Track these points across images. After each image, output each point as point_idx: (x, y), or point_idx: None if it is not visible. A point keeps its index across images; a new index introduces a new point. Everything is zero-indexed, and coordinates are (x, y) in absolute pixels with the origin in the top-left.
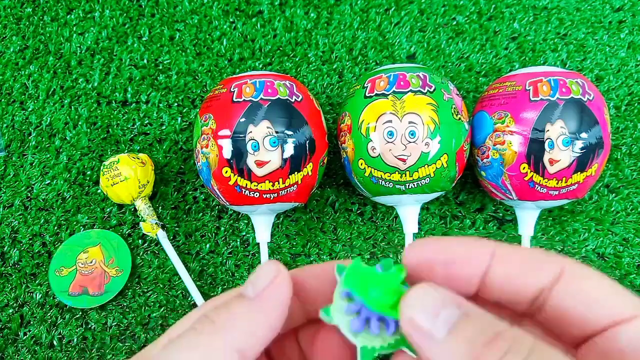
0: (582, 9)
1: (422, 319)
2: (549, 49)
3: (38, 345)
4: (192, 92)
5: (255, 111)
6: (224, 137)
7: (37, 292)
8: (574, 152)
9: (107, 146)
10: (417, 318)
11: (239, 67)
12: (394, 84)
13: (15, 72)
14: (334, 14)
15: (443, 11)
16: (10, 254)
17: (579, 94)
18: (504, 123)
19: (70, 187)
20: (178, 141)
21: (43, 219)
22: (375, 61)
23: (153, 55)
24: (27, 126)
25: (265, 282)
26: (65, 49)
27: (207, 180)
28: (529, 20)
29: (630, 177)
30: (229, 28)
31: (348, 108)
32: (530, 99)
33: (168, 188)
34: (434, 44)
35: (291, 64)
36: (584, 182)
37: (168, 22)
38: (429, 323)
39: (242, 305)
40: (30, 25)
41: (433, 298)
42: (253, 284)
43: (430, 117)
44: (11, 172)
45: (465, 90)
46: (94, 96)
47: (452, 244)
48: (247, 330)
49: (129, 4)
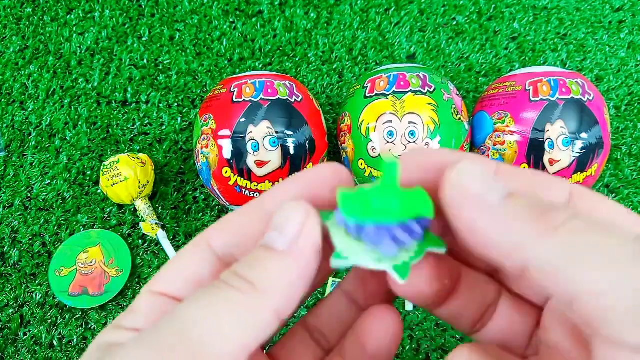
0: (582, 9)
1: (476, 185)
2: (549, 49)
3: (38, 345)
4: (192, 92)
5: (255, 111)
6: (224, 137)
7: (37, 292)
8: (574, 152)
9: (107, 146)
10: (469, 184)
11: (239, 67)
12: (394, 84)
13: (15, 72)
14: (334, 14)
15: (443, 11)
16: (10, 254)
17: (579, 94)
18: (504, 123)
19: (70, 187)
20: (178, 141)
21: (43, 219)
22: (375, 61)
23: (153, 55)
24: (27, 126)
25: (296, 230)
26: (65, 49)
27: (207, 180)
28: (529, 20)
29: (630, 177)
30: (229, 28)
31: (348, 108)
32: (530, 99)
33: (168, 188)
34: (434, 44)
35: (291, 64)
36: (584, 182)
37: (168, 22)
38: (483, 188)
39: (277, 263)
40: (30, 25)
41: (482, 167)
42: (282, 232)
43: (430, 117)
44: (11, 172)
45: (465, 90)
46: (94, 96)
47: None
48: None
49: (129, 4)
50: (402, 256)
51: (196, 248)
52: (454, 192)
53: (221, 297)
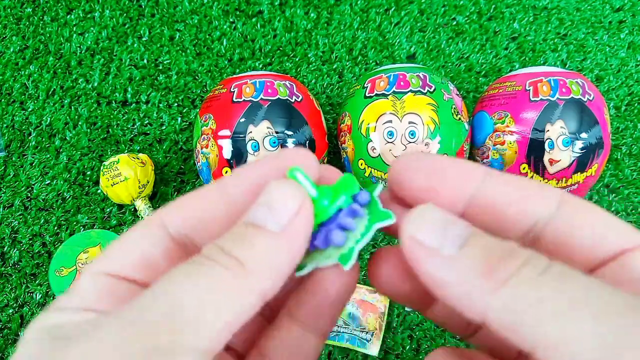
0: (582, 9)
1: (429, 236)
2: (549, 49)
3: None
4: (192, 92)
5: (255, 111)
6: (224, 137)
7: (37, 292)
8: (574, 152)
9: (107, 146)
10: (421, 236)
11: (239, 67)
12: (394, 84)
13: (15, 72)
14: (334, 14)
15: (443, 11)
16: (10, 254)
17: (579, 94)
18: (504, 123)
19: (70, 187)
20: (178, 141)
21: (43, 219)
22: (375, 61)
23: (153, 55)
24: (27, 126)
25: (291, 213)
26: (65, 49)
27: (207, 180)
28: (529, 20)
29: (630, 177)
30: (229, 28)
31: (348, 108)
32: (530, 99)
33: (168, 188)
34: (434, 44)
35: (291, 64)
36: (584, 182)
37: (168, 22)
38: (437, 241)
39: (268, 243)
40: (30, 25)
41: (440, 214)
42: (275, 213)
43: (430, 117)
44: (11, 172)
45: (465, 90)
46: (94, 96)
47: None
48: (273, 273)
49: (129, 4)
50: (349, 243)
51: (146, 228)
52: (410, 244)
53: (207, 274)
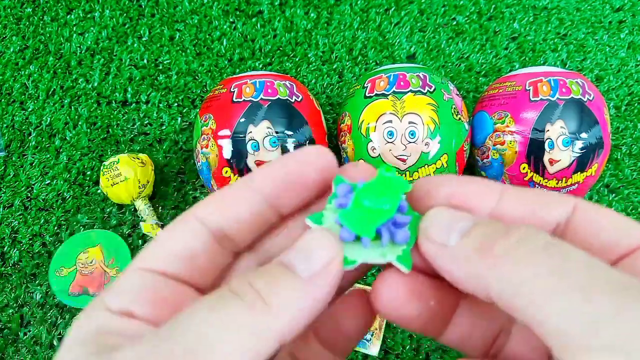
0: (582, 9)
1: (437, 233)
2: (549, 49)
3: (38, 345)
4: (192, 92)
5: (255, 111)
6: (224, 137)
7: (37, 292)
8: (574, 152)
9: (107, 146)
10: (431, 234)
11: (239, 67)
12: (394, 84)
13: (15, 72)
14: (334, 14)
15: (443, 11)
16: (10, 254)
17: (579, 94)
18: (504, 123)
19: (70, 187)
20: (178, 141)
21: (43, 219)
22: (375, 61)
23: (153, 55)
24: (27, 126)
25: (321, 264)
26: (65, 49)
27: (207, 180)
28: (529, 20)
29: (630, 177)
30: (229, 28)
31: (348, 108)
32: (530, 99)
33: (168, 188)
34: (434, 44)
35: (291, 64)
36: (584, 182)
37: (168, 22)
38: (445, 235)
39: (294, 287)
40: (30, 25)
41: (447, 213)
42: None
43: (430, 117)
44: (11, 172)
45: (465, 90)
46: (94, 96)
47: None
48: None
49: (129, 4)
50: (400, 245)
51: (185, 224)
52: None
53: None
